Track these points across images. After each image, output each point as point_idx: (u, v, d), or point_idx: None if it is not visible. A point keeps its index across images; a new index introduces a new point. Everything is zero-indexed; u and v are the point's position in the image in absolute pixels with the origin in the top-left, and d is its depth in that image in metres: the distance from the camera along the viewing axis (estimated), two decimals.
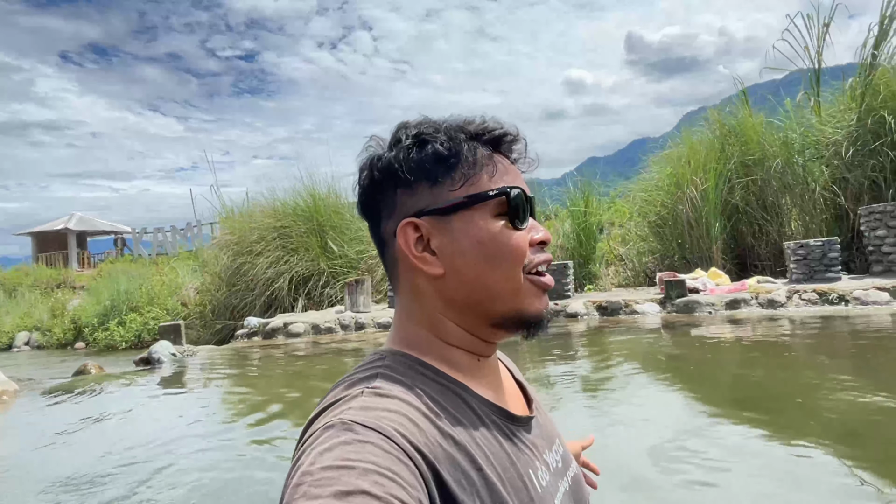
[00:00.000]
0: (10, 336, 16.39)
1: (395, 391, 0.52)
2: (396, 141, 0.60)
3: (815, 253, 7.36)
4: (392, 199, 0.59)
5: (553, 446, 0.65)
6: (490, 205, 0.57)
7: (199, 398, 5.13)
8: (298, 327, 7.89)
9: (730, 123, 11.12)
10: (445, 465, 0.48)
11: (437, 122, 0.60)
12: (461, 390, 0.57)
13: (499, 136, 0.60)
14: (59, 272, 22.62)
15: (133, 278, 16.17)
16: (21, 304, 18.39)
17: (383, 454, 0.44)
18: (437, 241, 0.57)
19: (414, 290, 0.59)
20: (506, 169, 0.60)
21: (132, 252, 25.57)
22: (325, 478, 0.41)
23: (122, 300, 15.14)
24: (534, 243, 0.59)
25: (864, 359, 4.60)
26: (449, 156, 0.57)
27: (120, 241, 27.05)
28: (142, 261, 22.03)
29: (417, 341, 0.59)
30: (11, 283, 21.45)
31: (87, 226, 28.79)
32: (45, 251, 27.33)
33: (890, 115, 8.61)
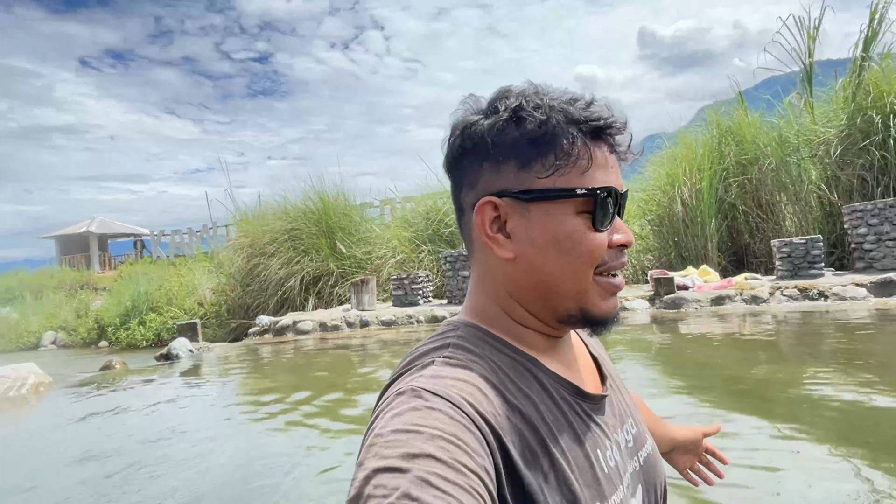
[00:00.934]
0: (37, 335, 17.15)
1: (466, 361, 0.52)
2: (493, 110, 0.57)
3: (798, 250, 7.65)
4: (477, 171, 0.57)
5: (625, 425, 0.64)
6: (574, 201, 0.55)
7: (214, 387, 5.62)
8: (307, 325, 8.37)
9: (726, 123, 11.36)
10: (511, 436, 0.49)
11: (540, 97, 0.56)
12: (531, 364, 0.57)
13: (602, 126, 0.56)
14: (82, 274, 23.47)
15: (152, 280, 16.84)
16: (46, 305, 19.16)
17: (450, 421, 0.45)
18: (513, 225, 0.56)
19: (487, 265, 0.59)
20: (601, 162, 0.56)
21: (151, 254, 26.38)
22: (395, 440, 0.43)
23: (143, 301, 15.81)
24: (613, 245, 0.57)
25: (824, 349, 4.92)
26: (544, 140, 0.54)
27: (139, 243, 27.88)
28: (160, 262, 22.80)
29: (489, 314, 0.59)
30: (36, 285, 22.31)
31: (107, 229, 29.70)
32: (68, 253, 28.28)
33: (878, 115, 8.83)
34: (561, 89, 0.58)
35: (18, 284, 22.92)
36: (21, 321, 18.16)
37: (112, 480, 2.97)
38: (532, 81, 0.58)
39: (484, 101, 0.59)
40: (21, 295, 21.42)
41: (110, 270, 26.01)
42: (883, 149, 8.75)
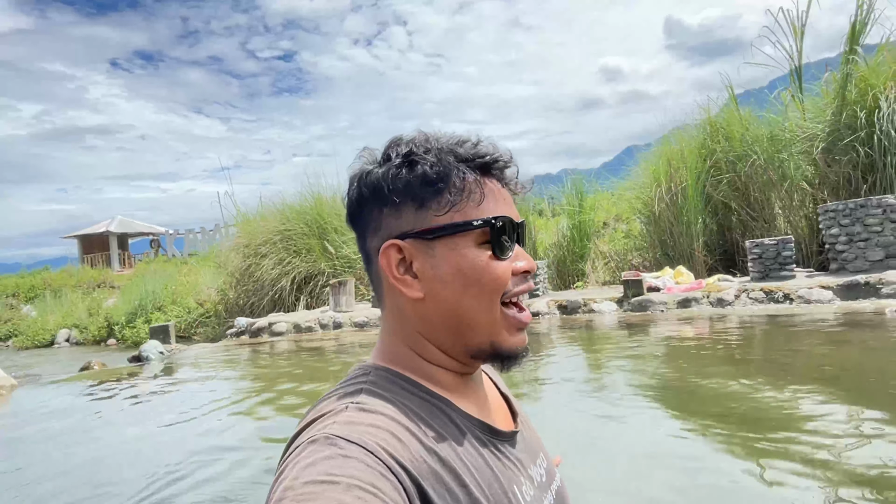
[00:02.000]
0: (52, 333, 17.85)
1: (379, 407, 0.52)
2: (387, 158, 0.59)
3: (769, 252, 7.51)
4: (378, 217, 0.59)
5: (537, 460, 0.65)
6: (474, 233, 0.57)
7: (172, 388, 5.83)
8: (281, 327, 8.58)
9: (717, 119, 11.16)
10: (429, 480, 0.48)
11: (429, 142, 0.59)
12: (445, 406, 0.57)
13: (490, 161, 0.59)
14: (100, 273, 24.29)
15: (159, 279, 17.36)
16: (64, 304, 19.92)
17: (366, 469, 0.44)
18: (419, 265, 0.57)
19: (396, 308, 0.60)
20: (494, 195, 0.59)
21: (166, 252, 27.12)
22: (308, 492, 0.41)
23: (149, 299, 16.33)
24: (517, 273, 0.58)
25: (754, 354, 4.86)
26: (437, 179, 0.56)
27: (155, 242, 28.67)
28: (175, 261, 23.46)
29: (400, 357, 0.60)
30: (58, 284, 23.19)
31: (126, 228, 30.61)
32: (90, 252, 29.25)
33: (862, 111, 8.57)
34: (449, 133, 0.61)
35: (42, 283, 23.86)
36: (39, 319, 18.95)
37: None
38: (421, 130, 0.61)
39: (378, 152, 0.61)
40: (42, 293, 22.28)
41: (129, 269, 26.85)
42: (868, 145, 8.50)
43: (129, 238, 31.77)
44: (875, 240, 6.92)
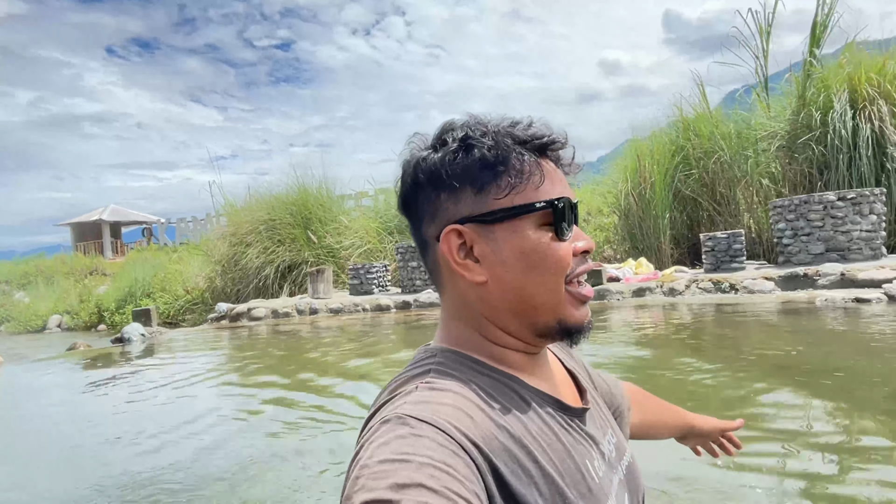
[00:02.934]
0: (44, 319, 18.20)
1: (449, 385, 0.52)
2: (442, 143, 0.59)
3: (721, 244, 7.91)
4: (435, 203, 0.58)
5: (606, 435, 0.65)
6: (535, 215, 0.57)
7: (149, 366, 6.23)
8: (259, 312, 8.96)
9: (688, 117, 11.51)
10: (502, 457, 0.49)
11: (483, 125, 0.59)
12: (514, 383, 0.57)
13: (547, 142, 0.59)
14: (92, 260, 24.59)
15: (149, 267, 17.71)
16: (56, 291, 20.25)
17: (438, 447, 0.44)
18: (480, 249, 0.57)
19: (458, 294, 0.60)
20: (552, 176, 0.59)
21: (158, 241, 27.43)
22: (382, 471, 0.42)
23: (139, 287, 16.70)
24: (577, 253, 0.59)
25: (689, 339, 5.27)
26: (496, 163, 0.56)
27: (147, 230, 28.95)
28: (166, 249, 23.76)
29: (465, 339, 0.60)
30: (50, 271, 23.49)
31: (119, 216, 30.88)
32: (83, 240, 29.53)
33: (817, 112, 8.95)
34: (500, 116, 0.60)
35: (35, 270, 24.14)
36: (31, 305, 19.29)
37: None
38: (471, 113, 0.61)
39: (429, 138, 0.61)
40: (35, 280, 22.58)
41: (122, 257, 27.13)
42: (822, 144, 8.88)
43: (121, 226, 32.05)
44: (817, 234, 7.33)
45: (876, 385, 3.28)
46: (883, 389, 3.19)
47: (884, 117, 8.28)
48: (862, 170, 8.43)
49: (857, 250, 7.15)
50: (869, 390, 3.20)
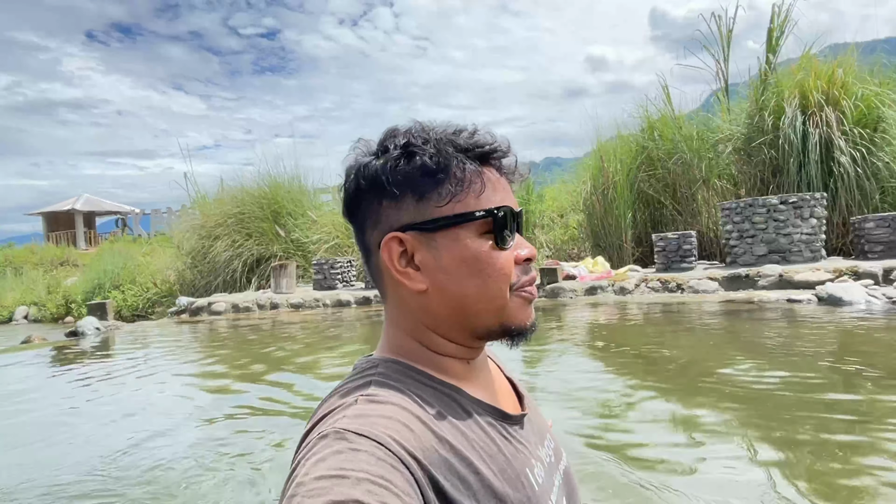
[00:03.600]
0: (10, 310, 17.93)
1: (390, 397, 0.52)
2: (384, 149, 0.59)
3: (672, 244, 8.13)
4: (377, 210, 0.58)
5: (545, 441, 0.66)
6: (476, 223, 0.57)
7: (97, 360, 6.27)
8: (220, 306, 9.00)
9: (653, 118, 11.73)
10: (442, 469, 0.49)
11: (426, 132, 0.58)
12: (454, 393, 0.58)
13: (489, 151, 0.59)
14: (63, 250, 24.24)
15: (120, 258, 17.54)
16: (24, 281, 19.95)
17: (377, 462, 0.44)
18: (421, 257, 0.57)
19: (399, 301, 0.59)
20: (494, 184, 0.59)
21: (132, 232, 27.13)
22: (318, 488, 0.42)
23: (108, 278, 16.54)
24: (519, 261, 0.59)
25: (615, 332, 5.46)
26: (437, 170, 0.56)
27: (122, 221, 28.60)
28: (141, 240, 23.52)
29: (407, 349, 0.60)
30: (19, 261, 23.11)
31: (93, 206, 30.42)
32: (55, 230, 29.05)
33: (770, 117, 9.20)
34: (444, 123, 0.60)
35: (3, 259, 23.72)
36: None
37: None
38: (416, 120, 0.60)
39: (373, 143, 0.61)
40: (3, 270, 22.20)
41: (95, 248, 26.78)
42: (774, 148, 9.15)
43: (96, 216, 31.58)
44: (760, 236, 7.58)
45: (698, 376, 3.51)
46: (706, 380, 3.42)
47: (831, 123, 8.55)
48: (810, 174, 8.70)
49: (797, 252, 7.42)
50: (689, 378, 3.40)
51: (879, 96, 8.59)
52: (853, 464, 2.27)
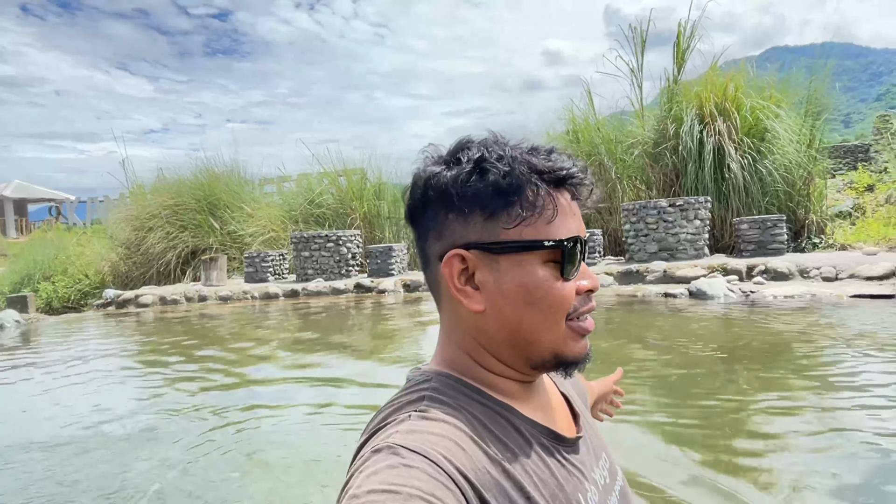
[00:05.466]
0: None
1: (442, 414, 0.52)
2: (456, 160, 0.57)
3: None
4: (442, 222, 0.57)
5: (600, 461, 0.65)
6: (542, 252, 0.55)
7: (7, 353, 6.42)
8: (147, 299, 9.16)
9: (577, 120, 12.44)
10: (493, 491, 0.48)
11: (501, 147, 0.56)
12: (508, 412, 0.57)
13: (565, 176, 0.57)
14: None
15: (52, 248, 17.08)
16: None
17: (428, 479, 0.44)
18: (482, 277, 0.56)
19: (455, 317, 0.59)
20: (565, 210, 0.57)
21: (67, 220, 26.22)
22: (371, 501, 0.42)
23: (38, 269, 16.12)
24: (581, 292, 0.58)
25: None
26: (509, 191, 0.55)
27: (56, 209, 27.57)
28: (76, 230, 22.82)
29: (460, 364, 0.59)
30: None
31: (25, 193, 29.14)
32: None
33: (672, 124, 10.04)
34: (520, 138, 0.59)
35: None
36: None
37: None
38: (492, 130, 0.59)
39: (444, 149, 0.60)
40: None
41: (27, 237, 25.73)
42: (675, 154, 10.00)
43: (28, 204, 30.26)
44: (652, 235, 8.38)
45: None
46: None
47: (722, 132, 9.44)
48: (705, 178, 9.59)
49: (683, 250, 8.25)
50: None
51: (764, 109, 9.53)
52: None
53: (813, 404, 3.03)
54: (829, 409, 2.94)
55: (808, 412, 2.91)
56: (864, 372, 3.50)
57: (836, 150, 16.85)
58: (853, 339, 4.25)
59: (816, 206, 10.02)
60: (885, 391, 3.08)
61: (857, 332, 4.49)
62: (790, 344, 4.31)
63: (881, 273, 6.32)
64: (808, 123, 9.78)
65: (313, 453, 2.80)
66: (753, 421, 2.85)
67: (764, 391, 3.25)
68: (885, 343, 4.08)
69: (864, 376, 3.41)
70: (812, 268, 6.89)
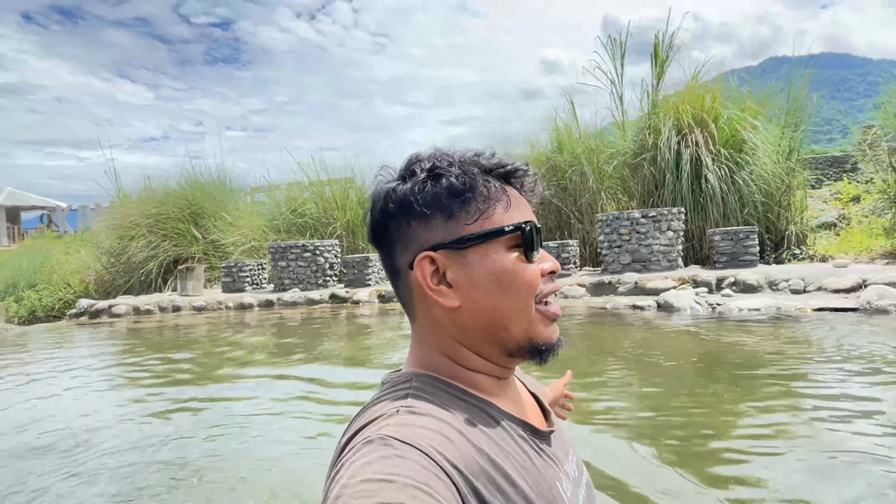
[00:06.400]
0: None
1: (428, 409, 0.54)
2: (411, 173, 0.61)
3: (551, 253, 8.79)
4: (406, 232, 0.60)
5: (569, 455, 0.68)
6: (504, 238, 0.59)
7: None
8: (120, 308, 9.11)
9: (560, 130, 12.44)
10: (482, 479, 0.50)
11: (450, 156, 0.61)
12: (487, 407, 0.59)
13: (511, 170, 0.62)
14: None
15: (39, 256, 17.07)
16: None
17: (421, 469, 0.46)
18: (453, 274, 0.59)
19: (430, 320, 0.61)
20: (517, 201, 0.61)
21: (58, 228, 26.21)
22: (365, 490, 0.43)
23: (23, 277, 16.09)
24: (544, 274, 0.61)
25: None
26: (464, 189, 0.58)
27: (47, 217, 27.58)
28: (66, 237, 22.81)
29: (438, 365, 0.62)
30: None
31: (18, 201, 29.18)
32: None
33: (650, 136, 10.04)
34: (463, 148, 0.63)
35: None
36: None
37: None
38: (436, 146, 0.63)
39: (396, 170, 0.63)
40: None
41: (18, 244, 25.72)
42: (653, 165, 9.99)
43: (21, 211, 30.28)
44: (625, 246, 8.34)
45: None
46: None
47: (699, 143, 9.43)
48: (683, 189, 9.57)
49: (655, 262, 8.21)
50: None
51: (741, 121, 9.52)
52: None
53: (754, 417, 2.98)
54: (777, 423, 2.89)
55: (750, 426, 2.87)
56: (805, 382, 3.45)
57: (823, 161, 16.88)
58: (803, 352, 4.20)
59: (797, 217, 9.99)
60: (831, 402, 3.04)
61: (808, 344, 4.45)
62: (737, 357, 4.26)
63: (848, 286, 6.28)
64: (786, 135, 9.78)
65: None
66: (709, 428, 2.80)
67: (707, 406, 3.20)
68: (830, 355, 4.03)
69: (805, 387, 3.37)
70: (781, 280, 6.85)
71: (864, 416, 2.90)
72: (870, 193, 12.34)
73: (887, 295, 5.58)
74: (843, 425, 2.79)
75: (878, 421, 2.81)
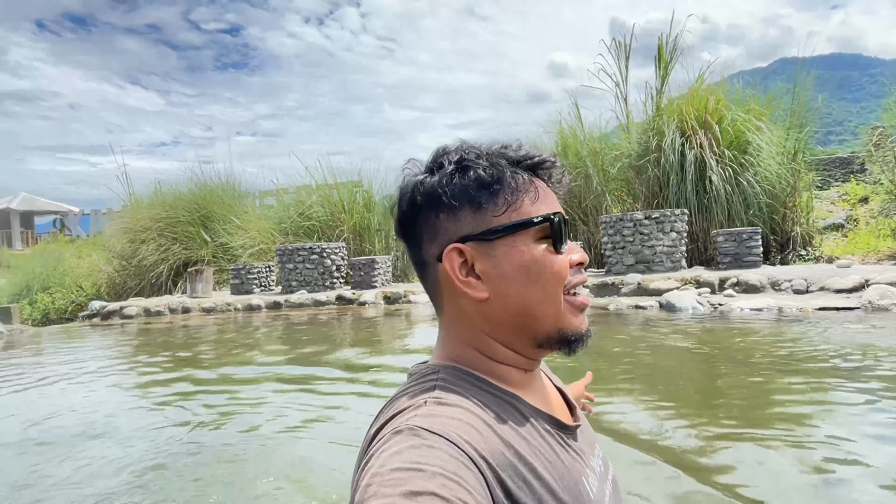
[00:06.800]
0: None
1: (456, 400, 0.54)
2: (438, 166, 0.61)
3: None
4: (434, 224, 0.61)
5: (595, 450, 0.68)
6: (533, 230, 0.59)
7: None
8: (131, 310, 9.28)
9: (564, 132, 12.51)
10: (508, 471, 0.51)
11: (477, 148, 0.61)
12: (514, 400, 0.59)
13: (538, 161, 0.62)
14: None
15: (51, 260, 17.35)
16: None
17: (450, 459, 0.46)
18: (482, 266, 0.59)
19: (459, 311, 0.62)
20: (545, 193, 0.61)
21: (71, 232, 26.62)
22: (395, 478, 0.43)
23: (37, 281, 16.37)
24: (573, 265, 0.61)
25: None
26: (492, 182, 0.59)
27: (59, 221, 28.00)
28: (78, 241, 23.16)
29: (466, 358, 0.62)
30: None
31: (31, 206, 29.64)
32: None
33: (655, 138, 10.08)
34: (490, 140, 0.63)
35: None
36: None
37: None
38: (462, 139, 0.64)
39: (422, 164, 0.64)
40: None
41: (31, 249, 26.13)
42: (657, 167, 10.02)
43: (34, 216, 30.76)
44: (629, 248, 8.38)
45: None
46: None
47: (703, 145, 9.47)
48: (687, 190, 9.60)
49: (659, 262, 8.25)
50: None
51: (746, 122, 9.55)
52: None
53: (738, 421, 3.04)
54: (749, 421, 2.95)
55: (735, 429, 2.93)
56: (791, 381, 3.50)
57: (831, 163, 16.79)
58: (803, 351, 4.24)
59: (803, 217, 9.99)
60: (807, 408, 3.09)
61: (810, 343, 4.49)
62: (738, 355, 4.31)
63: (850, 286, 6.30)
64: (792, 136, 9.78)
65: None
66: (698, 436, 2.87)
67: (690, 406, 3.26)
68: (821, 358, 4.08)
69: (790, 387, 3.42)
70: (784, 280, 6.88)
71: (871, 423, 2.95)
72: (877, 194, 12.28)
73: (889, 294, 5.60)
74: (854, 428, 2.84)
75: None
